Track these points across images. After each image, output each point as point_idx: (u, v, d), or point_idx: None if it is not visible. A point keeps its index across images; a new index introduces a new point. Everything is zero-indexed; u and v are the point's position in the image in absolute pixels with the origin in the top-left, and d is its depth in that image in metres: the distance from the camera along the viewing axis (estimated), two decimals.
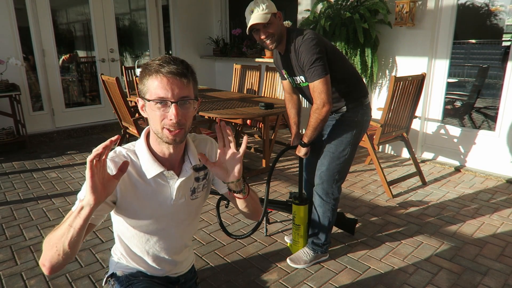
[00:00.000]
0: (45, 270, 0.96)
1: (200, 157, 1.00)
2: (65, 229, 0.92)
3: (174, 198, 1.18)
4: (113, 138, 0.87)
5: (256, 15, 1.81)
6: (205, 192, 1.30)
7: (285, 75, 2.07)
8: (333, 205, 2.05)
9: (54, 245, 0.94)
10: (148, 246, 1.24)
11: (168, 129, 1.04)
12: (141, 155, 1.13)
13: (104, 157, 0.88)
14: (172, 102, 1.01)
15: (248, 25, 1.84)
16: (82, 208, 0.90)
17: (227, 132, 1.08)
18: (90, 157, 0.86)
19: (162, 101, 1.01)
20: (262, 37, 1.86)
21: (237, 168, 1.10)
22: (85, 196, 0.90)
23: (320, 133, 1.97)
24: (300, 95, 2.18)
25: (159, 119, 1.04)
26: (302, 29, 1.88)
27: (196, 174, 1.23)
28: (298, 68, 1.91)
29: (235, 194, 1.17)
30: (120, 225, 1.22)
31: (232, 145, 1.09)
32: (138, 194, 1.14)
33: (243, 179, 1.16)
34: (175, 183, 1.16)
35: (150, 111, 1.05)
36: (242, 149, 1.07)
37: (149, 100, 1.03)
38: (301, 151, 2.04)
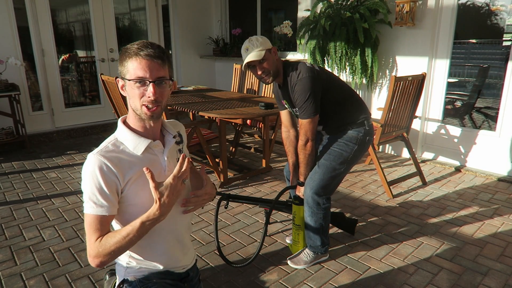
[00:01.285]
0: (99, 265, 1.13)
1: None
2: (128, 242, 1.11)
3: (167, 167, 1.25)
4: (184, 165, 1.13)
5: (251, 53, 1.90)
6: None
7: (285, 105, 2.12)
8: (324, 214, 2.06)
9: (116, 255, 1.12)
10: (155, 229, 1.21)
11: (147, 106, 1.16)
12: (125, 139, 1.20)
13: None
14: (150, 82, 1.13)
15: (244, 63, 1.92)
16: (144, 222, 1.11)
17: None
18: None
19: (141, 81, 1.13)
20: (259, 72, 1.95)
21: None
22: (159, 214, 1.10)
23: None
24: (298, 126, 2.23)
25: (139, 97, 1.15)
26: (297, 63, 1.94)
27: (178, 147, 1.34)
28: (295, 103, 1.98)
29: None
30: (124, 217, 1.20)
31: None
32: (136, 175, 1.17)
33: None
34: (164, 153, 1.26)
35: (130, 90, 1.16)
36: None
37: (129, 80, 1.14)
38: (301, 191, 2.09)
